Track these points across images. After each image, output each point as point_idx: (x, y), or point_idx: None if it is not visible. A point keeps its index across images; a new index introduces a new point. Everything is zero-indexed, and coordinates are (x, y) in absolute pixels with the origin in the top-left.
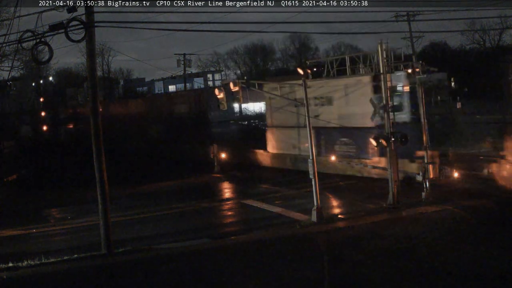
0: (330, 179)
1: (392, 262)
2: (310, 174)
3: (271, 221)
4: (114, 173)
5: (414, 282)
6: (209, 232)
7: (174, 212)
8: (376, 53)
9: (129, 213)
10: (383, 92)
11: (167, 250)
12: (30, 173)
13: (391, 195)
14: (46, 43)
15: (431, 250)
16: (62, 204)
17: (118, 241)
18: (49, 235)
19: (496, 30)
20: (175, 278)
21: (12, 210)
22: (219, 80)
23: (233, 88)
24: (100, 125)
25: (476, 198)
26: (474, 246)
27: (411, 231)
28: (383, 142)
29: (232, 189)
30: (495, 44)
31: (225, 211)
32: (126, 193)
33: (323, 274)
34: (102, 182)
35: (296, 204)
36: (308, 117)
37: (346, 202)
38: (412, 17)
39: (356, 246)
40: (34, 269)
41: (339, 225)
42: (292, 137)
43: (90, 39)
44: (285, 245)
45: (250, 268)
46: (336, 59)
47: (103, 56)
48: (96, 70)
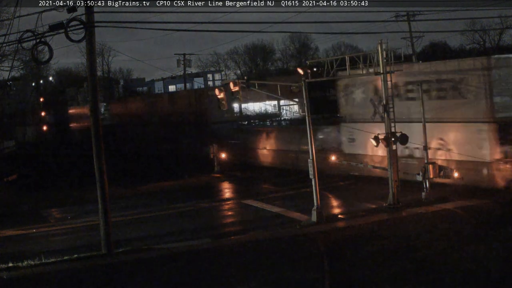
0: (330, 179)
1: (392, 262)
2: (310, 174)
3: (271, 221)
4: (114, 173)
5: (414, 282)
6: (209, 232)
7: (174, 212)
8: (376, 53)
9: (129, 213)
10: (383, 92)
11: (167, 250)
12: (30, 173)
13: (391, 195)
14: (46, 43)
15: (431, 250)
16: (62, 204)
17: (118, 241)
18: (49, 235)
19: (496, 30)
20: (175, 278)
21: (12, 210)
22: (219, 80)
23: (233, 88)
24: (100, 125)
25: (476, 198)
26: (474, 246)
27: (411, 231)
28: (383, 142)
29: (232, 189)
30: (495, 44)
31: (225, 211)
32: (126, 193)
33: (323, 274)
34: (102, 182)
35: (296, 204)
36: (308, 117)
37: (346, 202)
38: (412, 17)
39: (356, 246)
40: (34, 269)
41: (339, 225)
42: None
43: (90, 39)
44: (285, 245)
45: (250, 268)
46: (336, 59)
47: (103, 56)
48: (96, 70)
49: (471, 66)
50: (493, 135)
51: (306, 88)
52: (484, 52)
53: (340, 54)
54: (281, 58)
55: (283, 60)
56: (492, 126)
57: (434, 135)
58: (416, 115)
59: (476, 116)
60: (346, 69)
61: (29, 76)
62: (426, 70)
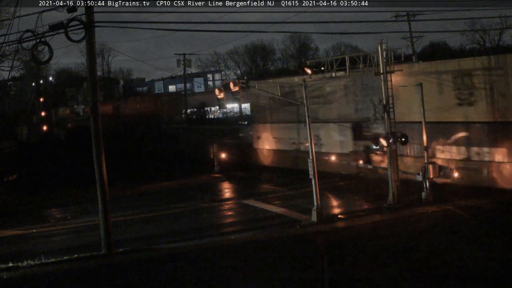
0: (330, 179)
1: (392, 262)
2: (310, 174)
3: (271, 221)
4: (114, 173)
5: (414, 282)
6: (209, 232)
7: (174, 212)
8: (376, 53)
9: (129, 213)
10: (383, 92)
11: (167, 250)
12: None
13: (391, 195)
14: (46, 43)
15: (431, 250)
16: (62, 204)
17: (118, 241)
18: (49, 235)
19: (496, 30)
20: (175, 278)
21: (12, 210)
22: (219, 80)
23: (233, 88)
24: (100, 125)
25: (476, 198)
26: (474, 246)
27: (411, 231)
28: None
29: (232, 189)
30: (495, 44)
31: (225, 211)
32: (126, 193)
33: (323, 274)
34: (102, 182)
35: (296, 204)
36: (308, 117)
37: (346, 202)
38: (412, 17)
39: (356, 246)
40: (34, 269)
41: (339, 225)
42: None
43: (90, 39)
44: (285, 245)
45: (250, 268)
46: (336, 59)
47: (103, 56)
48: (96, 70)
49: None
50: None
51: (306, 88)
52: (485, 52)
53: (340, 54)
54: (281, 58)
55: (283, 60)
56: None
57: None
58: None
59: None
60: (346, 69)
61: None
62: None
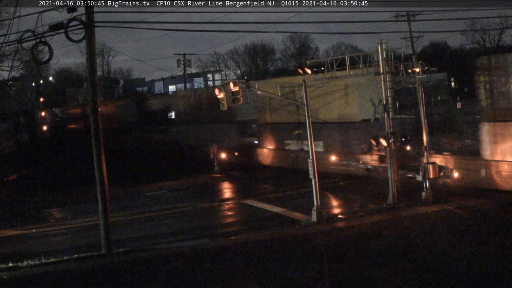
0: (330, 179)
1: (392, 262)
2: (310, 174)
3: (271, 221)
4: (114, 173)
5: (414, 282)
6: (209, 232)
7: (174, 212)
8: (376, 53)
9: (129, 213)
10: (383, 91)
11: (167, 250)
12: (30, 173)
13: (391, 195)
14: (46, 43)
15: (431, 250)
16: (62, 204)
17: (118, 241)
18: (49, 235)
19: (496, 30)
20: (175, 278)
21: (12, 210)
22: (219, 80)
23: (233, 88)
24: (100, 125)
25: (476, 198)
26: (474, 246)
27: (411, 231)
28: (383, 142)
29: (232, 189)
30: (495, 44)
31: (225, 211)
32: (126, 193)
33: (323, 274)
34: (102, 182)
35: (296, 204)
36: (308, 117)
37: (346, 202)
38: (412, 17)
39: (356, 246)
40: (34, 269)
41: (339, 225)
42: None
43: (90, 39)
44: (285, 245)
45: (250, 268)
46: (336, 59)
47: (103, 56)
48: (96, 70)
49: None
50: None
51: (306, 88)
52: (484, 52)
53: (340, 54)
54: (281, 58)
55: (283, 60)
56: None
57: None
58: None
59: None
60: (346, 69)
61: (29, 76)
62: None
